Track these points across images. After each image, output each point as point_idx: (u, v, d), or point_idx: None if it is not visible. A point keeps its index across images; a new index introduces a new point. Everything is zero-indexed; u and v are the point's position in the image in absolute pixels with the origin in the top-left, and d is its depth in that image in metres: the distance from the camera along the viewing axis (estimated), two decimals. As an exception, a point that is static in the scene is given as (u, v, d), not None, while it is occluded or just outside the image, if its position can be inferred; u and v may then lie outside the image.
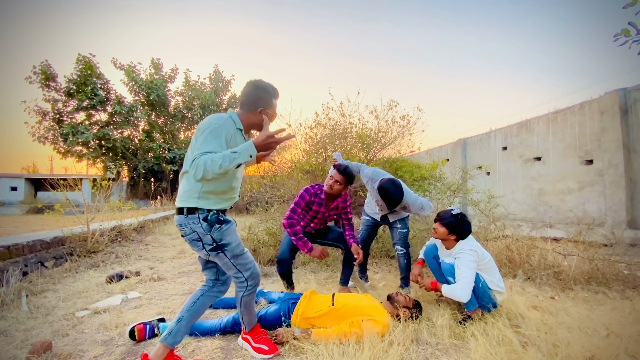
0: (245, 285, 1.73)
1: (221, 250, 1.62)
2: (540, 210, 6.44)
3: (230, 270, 1.69)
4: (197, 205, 1.57)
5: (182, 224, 1.60)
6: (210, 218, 1.58)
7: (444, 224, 2.35)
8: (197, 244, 1.60)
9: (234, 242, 1.66)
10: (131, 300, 2.76)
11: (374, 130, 4.96)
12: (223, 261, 1.65)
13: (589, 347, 1.70)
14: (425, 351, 1.88)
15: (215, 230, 1.59)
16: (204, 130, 1.50)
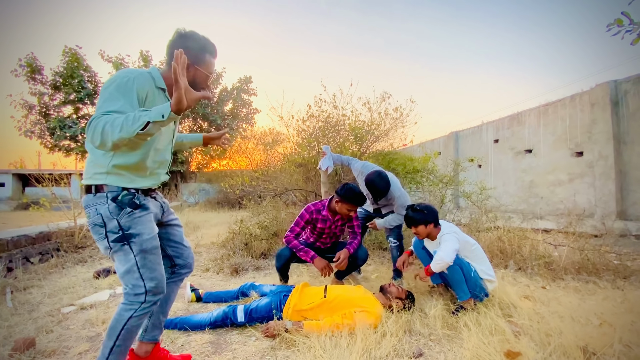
0: (142, 301, 1.28)
1: (127, 242, 1.25)
2: (531, 202, 6.51)
3: (129, 276, 1.27)
4: (105, 182, 1.25)
5: (87, 204, 1.26)
6: (121, 198, 1.26)
7: (418, 223, 2.36)
8: (99, 230, 1.25)
9: (147, 234, 1.29)
10: (119, 296, 2.70)
11: (366, 123, 4.91)
12: (127, 257, 1.26)
13: (582, 336, 1.70)
14: (418, 342, 1.87)
15: (124, 215, 1.25)
16: (107, 85, 1.17)
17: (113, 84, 1.17)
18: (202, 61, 1.36)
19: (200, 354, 1.75)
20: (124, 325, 1.28)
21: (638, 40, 2.96)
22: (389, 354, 1.70)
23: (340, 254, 2.47)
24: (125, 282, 1.29)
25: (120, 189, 1.27)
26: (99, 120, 1.06)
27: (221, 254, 3.78)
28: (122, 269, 1.28)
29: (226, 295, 2.50)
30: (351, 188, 2.47)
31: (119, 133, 1.04)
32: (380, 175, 2.61)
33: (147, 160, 1.33)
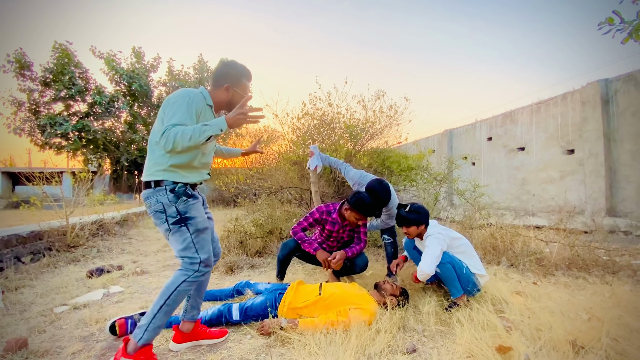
0: (196, 269, 1.56)
1: (184, 224, 1.55)
2: (524, 199, 6.59)
3: (187, 250, 1.55)
4: (163, 178, 1.54)
5: (148, 196, 1.55)
6: (177, 190, 1.55)
7: (411, 224, 2.38)
8: (161, 216, 1.54)
9: (200, 217, 1.60)
10: (113, 295, 2.68)
11: (361, 121, 4.92)
12: (183, 237, 1.55)
13: (571, 331, 1.74)
14: (412, 338, 1.89)
15: (181, 202, 1.55)
16: (174, 102, 1.49)
17: (178, 101, 1.48)
18: (239, 84, 1.69)
19: (195, 352, 1.75)
20: (176, 287, 1.53)
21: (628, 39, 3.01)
22: (383, 351, 1.72)
23: (337, 254, 2.48)
24: (182, 255, 1.56)
25: (172, 182, 1.55)
26: (171, 131, 1.37)
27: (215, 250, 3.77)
28: (180, 246, 1.55)
29: (221, 294, 2.50)
30: (361, 198, 2.48)
31: (189, 142, 1.37)
32: (381, 184, 2.61)
33: (194, 161, 1.62)
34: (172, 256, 4.13)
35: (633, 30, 2.89)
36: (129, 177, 16.39)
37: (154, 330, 1.53)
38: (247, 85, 1.73)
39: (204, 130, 1.38)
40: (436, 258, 2.20)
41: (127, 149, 15.64)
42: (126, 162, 15.55)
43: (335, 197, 5.23)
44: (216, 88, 1.68)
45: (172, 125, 1.40)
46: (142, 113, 16.30)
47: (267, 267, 3.52)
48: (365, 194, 2.53)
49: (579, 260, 3.27)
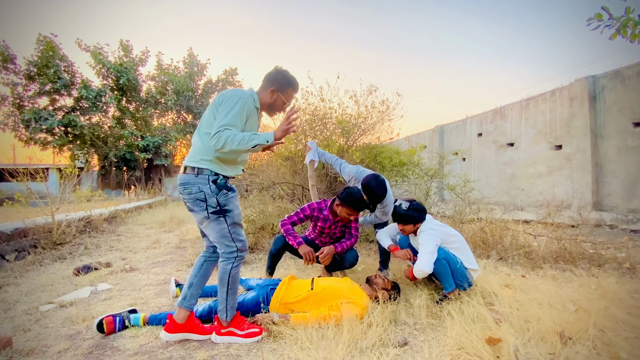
0: (236, 256, 1.73)
1: (222, 215, 1.67)
2: (512, 194, 6.69)
3: (224, 239, 1.69)
4: (208, 167, 1.64)
5: (189, 182, 1.64)
6: (219, 182, 1.66)
7: (409, 222, 2.38)
8: (201, 204, 1.65)
9: (236, 210, 1.73)
10: (100, 292, 2.63)
11: (353, 116, 4.90)
12: (220, 226, 1.67)
13: (559, 322, 1.77)
14: (403, 331, 1.90)
15: (222, 195, 1.66)
16: (229, 98, 1.61)
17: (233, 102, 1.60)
18: (284, 91, 1.82)
19: (185, 349, 1.73)
20: (229, 274, 1.73)
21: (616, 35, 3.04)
22: (375, 344, 1.72)
23: (325, 249, 2.46)
24: (219, 243, 1.71)
25: (214, 173, 1.65)
26: (223, 133, 1.51)
27: (207, 249, 3.73)
28: (217, 235, 1.69)
29: (212, 290, 2.47)
30: (352, 192, 2.46)
31: (237, 146, 1.52)
32: (377, 179, 2.59)
33: (238, 157, 1.77)
34: (162, 253, 4.08)
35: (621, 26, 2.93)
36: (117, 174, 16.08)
37: (232, 307, 1.78)
38: (292, 94, 1.87)
39: (252, 139, 1.53)
40: (432, 255, 2.20)
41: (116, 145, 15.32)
42: (114, 158, 15.23)
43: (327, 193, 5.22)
44: (264, 89, 1.81)
45: (225, 126, 1.53)
46: (131, 108, 15.96)
47: (258, 262, 3.50)
48: (356, 188, 2.52)
49: (566, 254, 3.33)
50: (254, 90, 1.79)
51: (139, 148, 15.20)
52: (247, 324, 1.84)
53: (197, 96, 16.79)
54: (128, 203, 9.27)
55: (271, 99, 1.81)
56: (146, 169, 16.58)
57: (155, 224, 6.34)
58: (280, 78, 1.81)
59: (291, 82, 1.84)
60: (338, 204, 2.52)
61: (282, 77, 1.81)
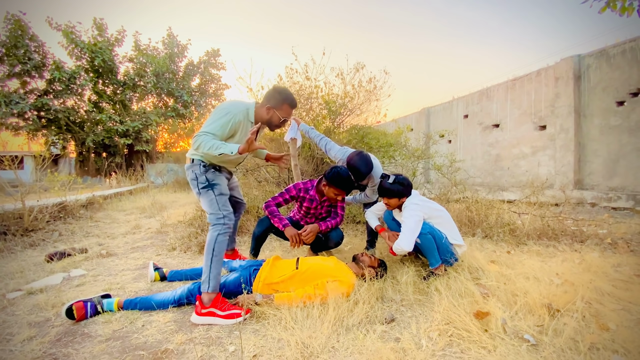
0: (223, 223, 1.87)
1: (211, 188, 1.92)
2: (497, 175, 6.76)
3: (212, 207, 1.90)
4: (199, 158, 1.94)
5: (187, 169, 1.97)
6: (207, 165, 1.94)
7: (393, 196, 2.32)
8: (194, 182, 1.94)
9: (223, 184, 1.97)
10: (73, 279, 2.48)
11: (340, 96, 4.76)
12: (209, 197, 1.91)
13: (547, 295, 1.76)
14: (390, 308, 1.86)
15: (210, 172, 1.93)
16: (219, 111, 1.86)
17: (222, 115, 1.84)
18: (279, 108, 2.00)
19: (162, 333, 1.63)
20: (214, 241, 1.83)
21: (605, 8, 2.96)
22: (361, 321, 1.67)
23: (308, 227, 2.38)
24: (209, 213, 1.92)
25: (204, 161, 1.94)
26: (200, 137, 1.75)
27: (188, 232, 3.60)
28: (207, 205, 1.92)
29: (192, 273, 2.37)
30: (339, 172, 2.36)
31: (207, 150, 1.73)
32: (360, 155, 2.50)
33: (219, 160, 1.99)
34: (143, 238, 3.92)
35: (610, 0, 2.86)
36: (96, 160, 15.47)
37: (215, 278, 1.81)
38: (288, 110, 2.03)
39: (219, 148, 1.72)
40: (414, 233, 2.16)
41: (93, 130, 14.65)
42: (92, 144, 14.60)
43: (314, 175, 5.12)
44: (261, 106, 1.99)
45: (205, 133, 1.76)
46: (108, 91, 15.23)
47: (243, 245, 3.40)
48: (343, 167, 2.42)
49: (549, 231, 3.37)
50: (253, 106, 1.96)
51: (118, 133, 14.60)
52: (228, 305, 1.77)
53: (178, 79, 16.15)
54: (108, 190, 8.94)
55: (267, 115, 1.99)
56: (127, 155, 16.01)
57: (135, 210, 6.12)
58: (275, 96, 1.98)
59: (286, 98, 1.99)
60: (325, 184, 2.43)
61: (277, 95, 1.98)
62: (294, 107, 2.06)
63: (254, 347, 1.47)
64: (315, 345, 1.44)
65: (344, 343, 1.48)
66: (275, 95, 1.99)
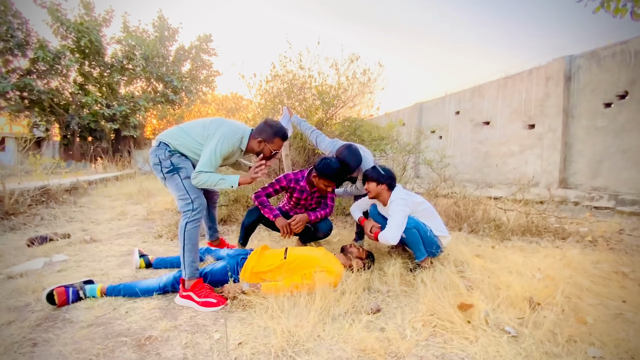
0: (191, 209, 1.84)
1: (176, 172, 1.87)
2: (485, 172, 6.87)
3: (179, 192, 1.86)
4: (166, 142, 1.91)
5: (152, 152, 1.92)
6: (173, 150, 1.90)
7: (371, 180, 2.34)
8: (157, 167, 1.89)
9: (189, 168, 1.91)
10: (55, 264, 2.43)
11: (334, 87, 4.72)
12: (175, 182, 1.86)
13: (528, 289, 1.80)
14: (377, 299, 1.88)
15: (175, 157, 1.89)
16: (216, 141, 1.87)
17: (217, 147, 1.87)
18: (271, 141, 2.04)
19: (146, 319, 1.61)
20: (184, 230, 1.82)
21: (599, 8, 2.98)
22: (347, 311, 1.69)
23: (297, 217, 2.38)
24: (178, 199, 1.89)
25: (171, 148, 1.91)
26: (200, 175, 1.83)
27: (175, 220, 3.56)
28: (174, 191, 1.89)
29: (179, 261, 2.34)
30: (328, 164, 2.35)
31: (208, 185, 1.85)
32: (349, 148, 2.48)
33: None
34: (128, 224, 3.85)
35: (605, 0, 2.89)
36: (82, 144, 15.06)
37: (190, 265, 1.81)
38: (279, 143, 2.08)
39: (219, 183, 1.85)
40: (400, 227, 2.18)
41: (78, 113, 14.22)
42: (77, 127, 14.19)
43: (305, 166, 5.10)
44: (253, 138, 2.04)
45: (203, 171, 1.83)
46: (95, 73, 14.75)
47: (232, 234, 3.38)
48: (333, 159, 2.41)
49: (533, 227, 3.45)
50: (248, 134, 2.02)
51: (104, 117, 14.21)
52: (209, 293, 1.79)
53: (168, 63, 15.74)
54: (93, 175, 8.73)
55: (259, 147, 2.04)
56: (114, 140, 15.63)
57: (121, 196, 6.00)
58: (267, 130, 2.02)
59: (277, 132, 2.04)
60: (315, 175, 2.42)
61: (269, 129, 2.03)
62: (285, 140, 2.11)
63: (239, 335, 1.46)
64: (301, 334, 1.44)
65: (329, 332, 1.49)
66: (267, 129, 2.03)
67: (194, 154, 1.94)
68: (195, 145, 1.92)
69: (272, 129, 2.03)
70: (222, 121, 1.98)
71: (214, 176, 1.83)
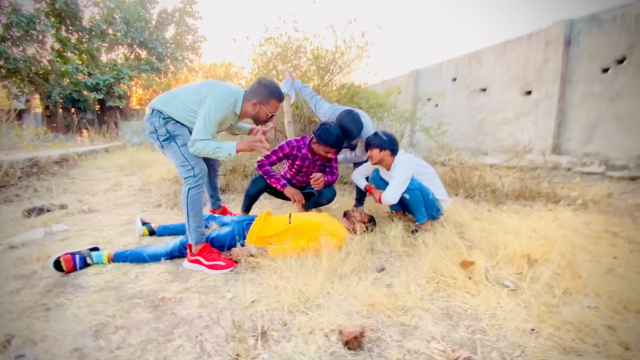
0: (192, 175, 1.80)
1: (173, 139, 1.80)
2: (479, 140, 6.90)
3: (179, 160, 1.80)
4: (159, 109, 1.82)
5: (146, 120, 1.85)
6: (168, 117, 1.82)
7: (374, 147, 2.34)
8: (154, 135, 1.82)
9: (186, 135, 1.83)
10: (56, 233, 2.41)
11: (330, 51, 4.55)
12: (173, 149, 1.80)
13: (526, 247, 1.88)
14: (381, 259, 1.94)
15: (170, 124, 1.82)
16: (209, 104, 1.76)
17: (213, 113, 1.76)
18: (266, 103, 1.90)
19: (157, 282, 1.64)
20: (187, 196, 1.79)
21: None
22: (353, 270, 1.74)
23: (316, 175, 2.38)
24: (178, 168, 1.84)
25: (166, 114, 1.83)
26: (196, 143, 1.74)
27: (174, 189, 3.54)
28: (174, 159, 1.83)
29: (182, 228, 2.35)
30: (327, 129, 2.30)
31: (205, 153, 1.76)
32: (351, 114, 2.44)
33: None
34: (125, 195, 3.81)
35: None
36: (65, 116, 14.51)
37: (195, 230, 1.80)
38: (275, 104, 1.93)
39: (216, 151, 1.75)
40: (401, 188, 2.22)
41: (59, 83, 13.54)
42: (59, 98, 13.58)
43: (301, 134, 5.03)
44: (247, 100, 1.89)
45: (199, 139, 1.74)
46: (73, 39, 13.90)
47: (232, 203, 3.38)
48: (333, 124, 2.37)
49: (526, 192, 3.53)
50: (241, 96, 1.88)
51: (87, 87, 13.59)
52: (217, 256, 1.81)
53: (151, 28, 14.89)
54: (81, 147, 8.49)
55: (254, 111, 1.91)
56: (99, 111, 15.07)
57: (114, 168, 5.88)
58: (261, 90, 1.88)
59: (273, 93, 1.89)
60: (315, 141, 2.39)
61: (263, 89, 1.88)
62: (281, 101, 1.98)
63: (251, 294, 1.50)
64: (311, 291, 1.49)
65: (338, 289, 1.55)
66: (261, 90, 1.88)
67: (189, 121, 1.85)
68: (188, 112, 1.83)
69: (266, 89, 1.88)
70: (213, 84, 1.85)
71: (210, 144, 1.74)
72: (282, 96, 1.96)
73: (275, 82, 1.98)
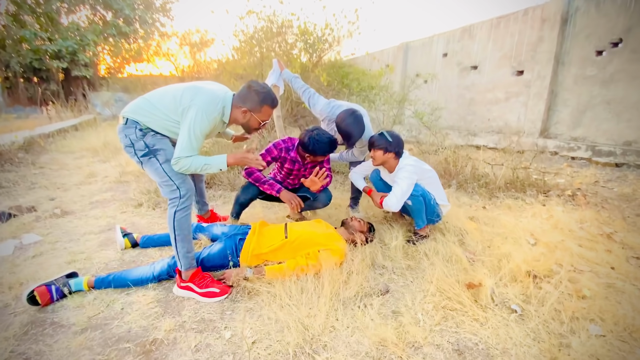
0: (178, 196, 1.62)
1: (153, 155, 1.61)
2: (468, 120, 6.83)
3: (161, 179, 1.63)
4: (134, 119, 1.60)
5: (120, 131, 1.63)
6: (145, 129, 1.60)
7: (378, 148, 2.20)
8: (130, 150, 1.62)
9: (168, 149, 1.64)
10: (28, 247, 2.19)
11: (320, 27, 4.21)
12: (154, 167, 1.61)
13: (528, 261, 1.85)
14: (383, 276, 1.87)
15: (149, 137, 1.60)
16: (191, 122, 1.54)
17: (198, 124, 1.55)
18: (259, 110, 1.71)
19: (146, 317, 1.51)
20: (173, 219, 1.62)
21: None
22: (357, 294, 1.67)
23: (317, 170, 2.22)
24: (161, 186, 1.66)
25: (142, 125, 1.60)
26: (180, 161, 1.55)
27: (154, 186, 3.29)
28: (156, 177, 1.64)
29: (168, 238, 2.18)
30: (316, 140, 2.10)
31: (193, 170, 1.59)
32: (354, 115, 2.24)
33: None
34: (101, 189, 3.55)
35: None
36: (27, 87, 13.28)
37: (185, 256, 1.65)
38: (268, 111, 1.74)
39: (204, 168, 1.60)
40: (405, 195, 2.13)
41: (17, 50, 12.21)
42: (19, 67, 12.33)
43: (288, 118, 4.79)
44: (236, 107, 1.69)
45: (183, 157, 1.55)
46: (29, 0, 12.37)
47: (218, 200, 3.21)
48: (320, 131, 2.16)
49: (517, 182, 3.53)
50: (230, 101, 1.68)
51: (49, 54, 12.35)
52: (210, 281, 1.68)
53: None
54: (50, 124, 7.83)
55: (244, 119, 1.72)
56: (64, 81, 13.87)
57: (86, 152, 5.47)
58: (252, 96, 1.68)
59: (265, 99, 1.70)
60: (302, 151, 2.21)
61: (254, 96, 1.68)
62: (275, 107, 1.76)
63: (251, 331, 1.41)
64: (315, 326, 1.41)
65: (343, 321, 1.47)
66: (252, 96, 1.68)
67: (171, 132, 1.64)
68: (169, 123, 1.60)
69: (258, 95, 1.68)
70: (197, 90, 1.60)
71: (196, 160, 1.56)
72: (275, 102, 1.75)
73: (267, 85, 1.75)
